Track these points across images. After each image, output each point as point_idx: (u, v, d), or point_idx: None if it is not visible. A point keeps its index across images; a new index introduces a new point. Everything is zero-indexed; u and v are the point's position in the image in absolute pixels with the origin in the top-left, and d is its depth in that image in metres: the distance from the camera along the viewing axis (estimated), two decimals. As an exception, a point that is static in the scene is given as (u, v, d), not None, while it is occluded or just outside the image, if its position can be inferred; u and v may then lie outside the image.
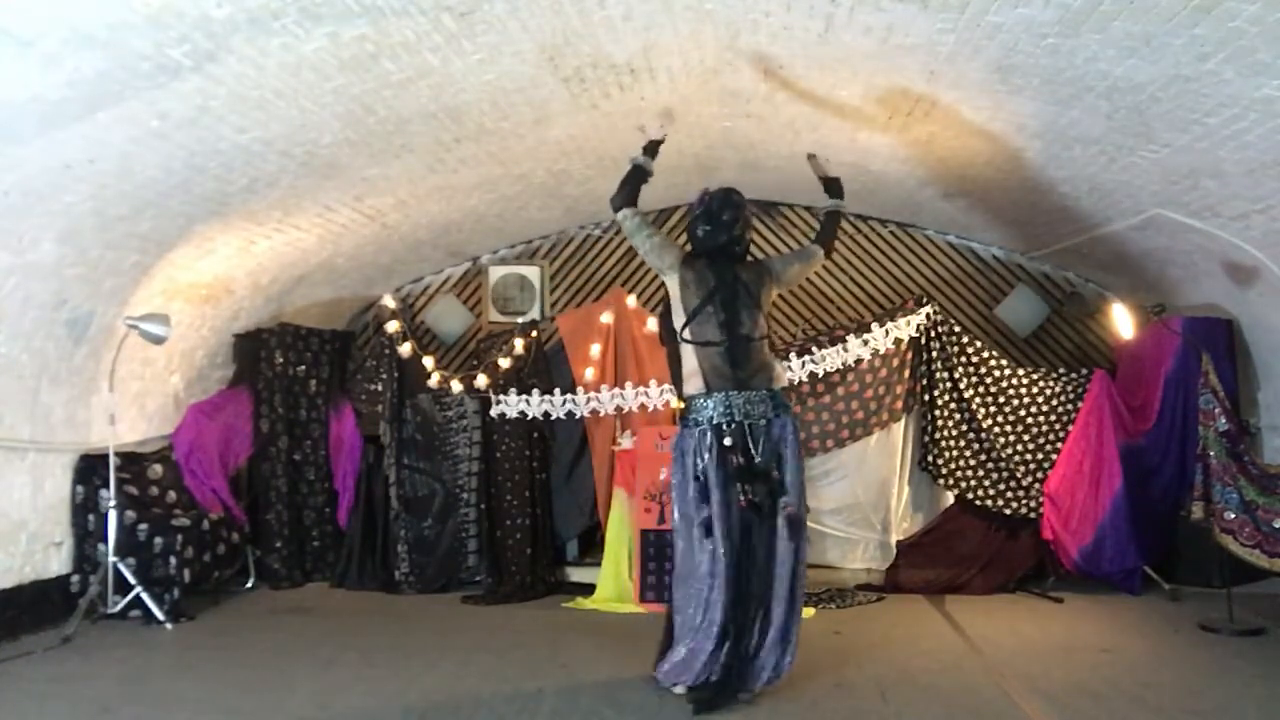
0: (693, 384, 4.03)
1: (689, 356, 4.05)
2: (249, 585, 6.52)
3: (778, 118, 5.64)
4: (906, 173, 6.21)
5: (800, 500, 3.95)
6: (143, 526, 5.61)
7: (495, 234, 7.39)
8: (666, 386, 6.27)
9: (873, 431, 6.40)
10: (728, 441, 3.87)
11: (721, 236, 4.15)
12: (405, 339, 6.81)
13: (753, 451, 3.87)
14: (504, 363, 6.67)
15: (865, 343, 6.37)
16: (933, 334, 6.38)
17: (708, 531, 3.87)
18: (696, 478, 3.94)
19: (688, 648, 3.93)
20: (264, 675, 4.38)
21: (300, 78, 4.14)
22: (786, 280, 4.33)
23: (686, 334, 4.05)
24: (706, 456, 3.91)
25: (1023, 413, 6.32)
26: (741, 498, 3.83)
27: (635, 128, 4.46)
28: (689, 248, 4.30)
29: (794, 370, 6.32)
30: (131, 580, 5.37)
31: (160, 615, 5.32)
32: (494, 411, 6.57)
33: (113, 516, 5.43)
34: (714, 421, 3.92)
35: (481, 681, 4.24)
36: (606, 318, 6.71)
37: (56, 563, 5.43)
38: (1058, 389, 6.33)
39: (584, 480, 6.60)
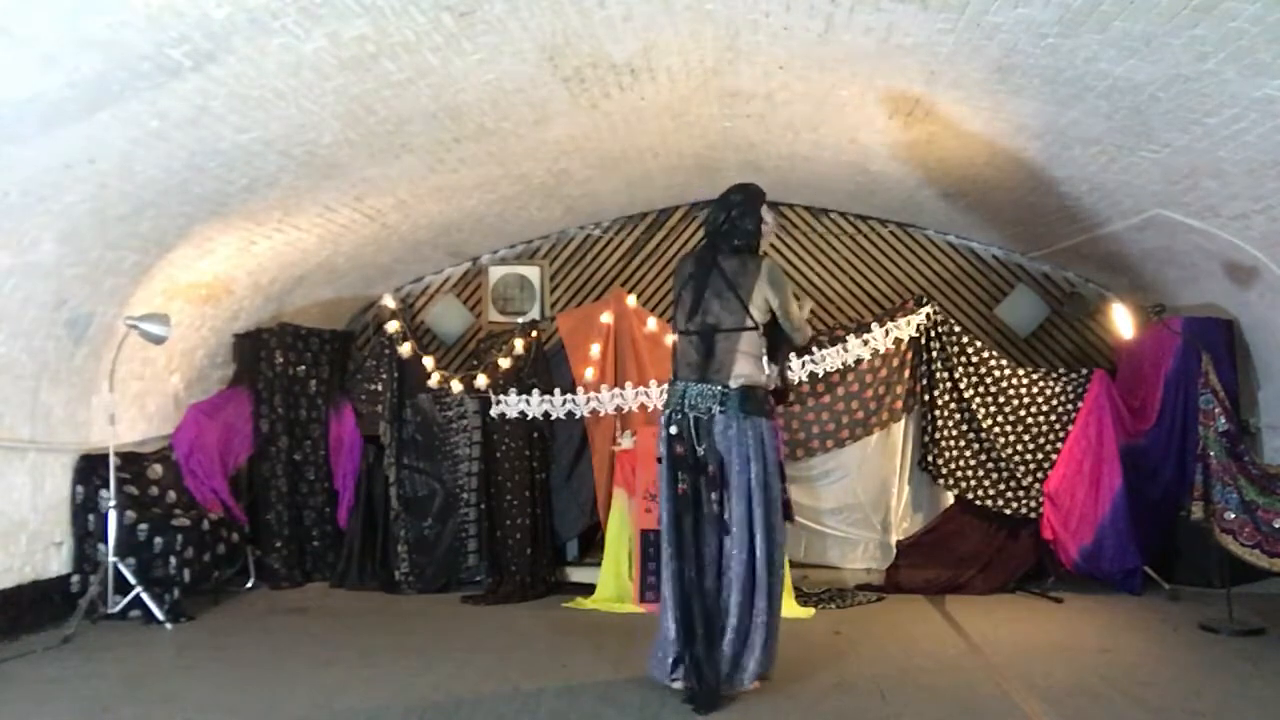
0: (671, 370, 4.16)
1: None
2: (249, 585, 6.52)
3: (777, 118, 5.64)
4: (906, 173, 6.21)
5: (751, 503, 3.88)
6: (143, 526, 5.61)
7: (495, 234, 7.40)
8: (666, 386, 6.27)
9: (873, 431, 6.40)
10: (673, 430, 3.96)
11: (720, 215, 4.17)
12: (405, 339, 6.81)
13: (695, 444, 3.91)
14: (504, 363, 6.67)
15: (865, 343, 6.36)
16: (933, 334, 6.38)
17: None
18: (659, 459, 4.09)
19: (662, 625, 3.99)
20: (264, 675, 4.38)
21: (300, 78, 4.14)
22: (777, 294, 4.05)
23: (676, 323, 4.19)
24: (663, 442, 4.05)
25: (1023, 413, 6.32)
26: (680, 485, 3.92)
27: None
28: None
29: (794, 370, 6.31)
30: (131, 580, 5.36)
31: (160, 615, 5.32)
32: (494, 411, 6.57)
33: (113, 516, 5.43)
34: (669, 408, 4.03)
35: (481, 681, 4.24)
36: (606, 318, 6.71)
37: (56, 563, 5.43)
38: (1058, 389, 6.33)
39: (584, 480, 6.59)
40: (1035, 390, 6.34)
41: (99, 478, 5.58)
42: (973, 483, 6.27)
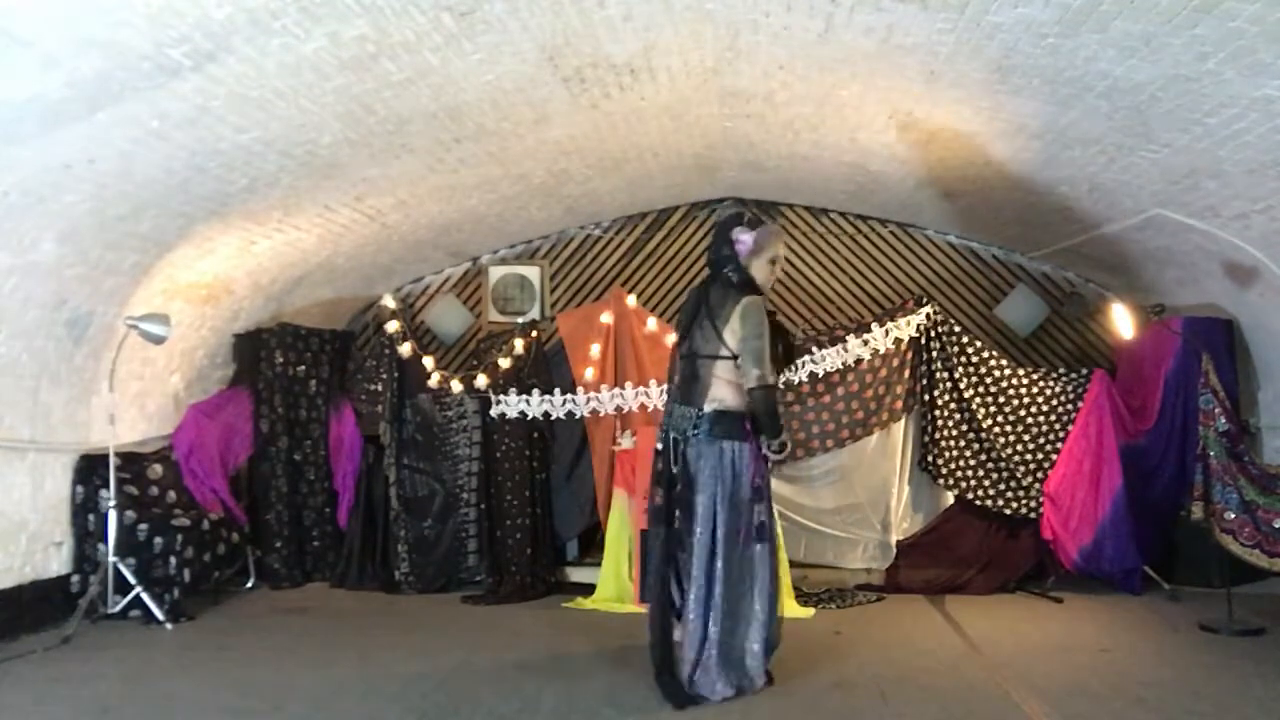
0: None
1: None
2: (249, 585, 6.52)
3: (778, 117, 5.64)
4: (906, 173, 6.21)
5: (715, 525, 3.92)
6: (143, 526, 5.61)
7: (495, 234, 7.40)
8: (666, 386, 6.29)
9: (873, 431, 6.39)
10: (658, 446, 4.17)
11: (710, 249, 4.33)
12: (405, 339, 6.81)
13: (671, 462, 4.04)
14: (504, 363, 6.67)
15: (865, 343, 6.36)
16: (933, 334, 6.37)
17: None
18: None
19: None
20: (264, 675, 4.38)
21: (300, 78, 4.14)
22: (742, 327, 3.97)
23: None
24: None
25: (1023, 413, 6.32)
26: (656, 498, 4.14)
27: None
28: None
29: (794, 370, 6.32)
30: (131, 580, 5.37)
31: (160, 615, 5.31)
32: (494, 411, 6.57)
33: (113, 516, 5.43)
34: (660, 426, 4.25)
35: (481, 681, 4.24)
36: (606, 318, 6.71)
37: (56, 563, 5.43)
38: (1058, 389, 6.33)
39: (584, 480, 6.59)
40: (1035, 390, 6.33)
41: (99, 478, 5.58)
42: (973, 483, 6.27)
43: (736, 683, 3.94)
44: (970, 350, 6.38)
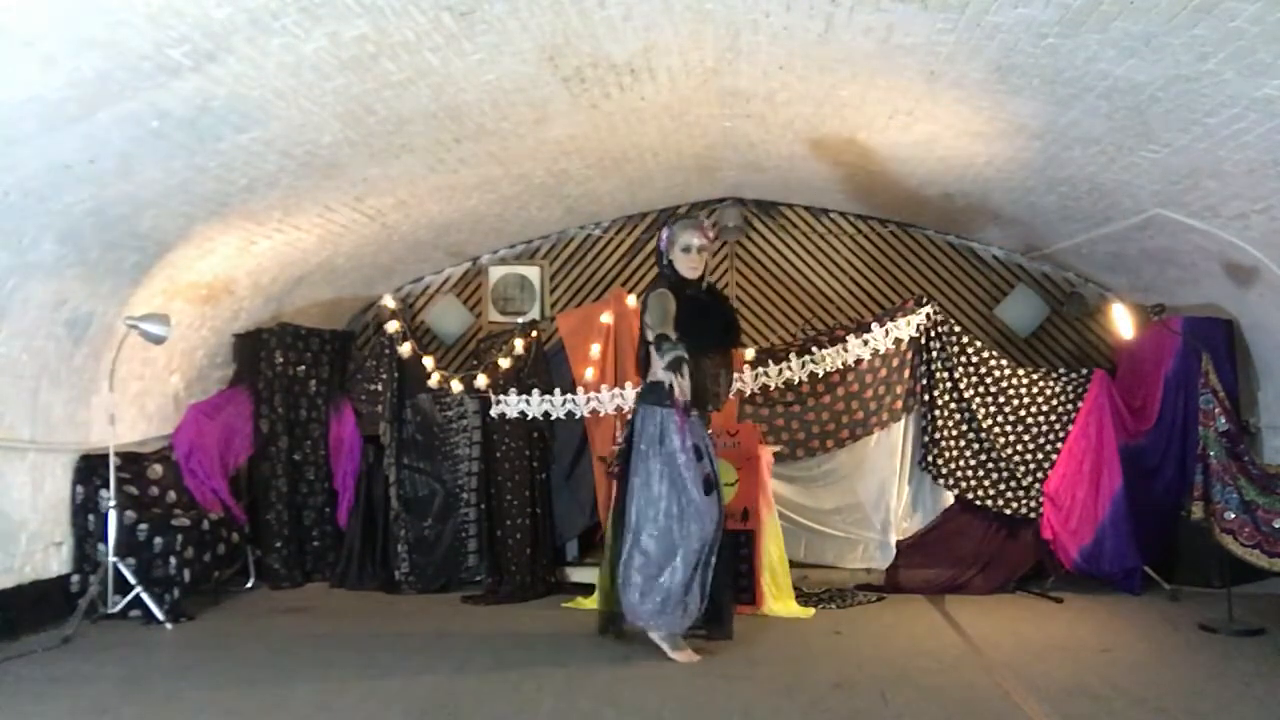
0: None
1: None
2: (249, 585, 6.52)
3: (777, 117, 5.64)
4: (906, 173, 6.22)
5: (642, 472, 4.58)
6: (143, 526, 5.61)
7: (495, 234, 7.40)
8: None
9: (873, 431, 6.39)
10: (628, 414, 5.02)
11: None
12: (405, 339, 6.80)
13: (632, 425, 4.75)
14: (504, 363, 6.67)
15: (865, 343, 6.36)
16: (933, 334, 6.37)
17: None
18: None
19: None
20: (264, 675, 4.38)
21: (300, 78, 4.14)
22: (644, 314, 4.69)
23: None
24: None
25: (1023, 413, 6.31)
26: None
27: None
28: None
29: (794, 370, 6.33)
30: (131, 580, 5.36)
31: (160, 615, 5.32)
32: (494, 411, 6.57)
33: (113, 516, 5.43)
34: None
35: (481, 681, 4.24)
36: (606, 318, 6.70)
37: (56, 563, 5.43)
38: (1058, 389, 6.32)
39: (584, 480, 6.59)
40: (1035, 390, 6.33)
41: (99, 478, 5.58)
42: (973, 483, 6.27)
43: (667, 623, 4.53)
44: (970, 350, 6.37)
